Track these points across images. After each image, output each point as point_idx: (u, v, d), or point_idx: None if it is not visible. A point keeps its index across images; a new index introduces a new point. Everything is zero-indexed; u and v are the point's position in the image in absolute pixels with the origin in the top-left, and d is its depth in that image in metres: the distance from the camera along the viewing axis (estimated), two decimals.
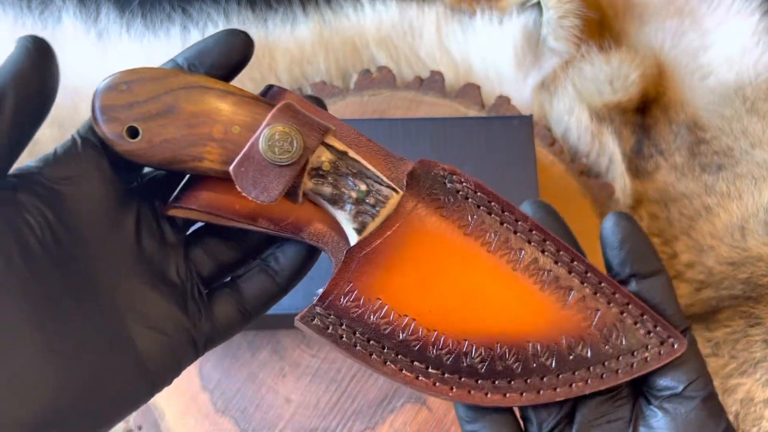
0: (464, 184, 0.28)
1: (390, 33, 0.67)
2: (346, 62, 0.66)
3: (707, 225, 0.61)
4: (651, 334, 0.27)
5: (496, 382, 0.26)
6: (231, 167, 0.25)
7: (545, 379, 0.26)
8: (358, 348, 0.26)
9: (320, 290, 0.27)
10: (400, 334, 0.26)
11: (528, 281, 0.27)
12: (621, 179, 0.62)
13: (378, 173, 0.27)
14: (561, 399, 0.26)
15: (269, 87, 0.29)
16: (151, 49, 0.65)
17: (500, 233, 0.28)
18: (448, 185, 0.28)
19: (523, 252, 0.27)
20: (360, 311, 0.26)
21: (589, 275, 0.27)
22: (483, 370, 0.26)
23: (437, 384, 0.26)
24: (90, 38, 0.65)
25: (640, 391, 0.27)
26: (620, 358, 0.26)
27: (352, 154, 0.27)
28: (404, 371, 0.26)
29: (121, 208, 0.26)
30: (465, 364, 0.26)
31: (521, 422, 0.28)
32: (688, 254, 0.60)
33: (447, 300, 0.27)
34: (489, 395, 0.26)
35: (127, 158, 0.26)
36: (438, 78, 0.63)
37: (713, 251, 0.59)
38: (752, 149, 0.64)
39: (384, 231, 0.27)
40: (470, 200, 0.28)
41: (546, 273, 0.27)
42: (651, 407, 0.27)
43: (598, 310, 0.27)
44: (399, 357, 0.26)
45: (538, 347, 0.26)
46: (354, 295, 0.27)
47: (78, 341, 0.24)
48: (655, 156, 0.65)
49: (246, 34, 0.27)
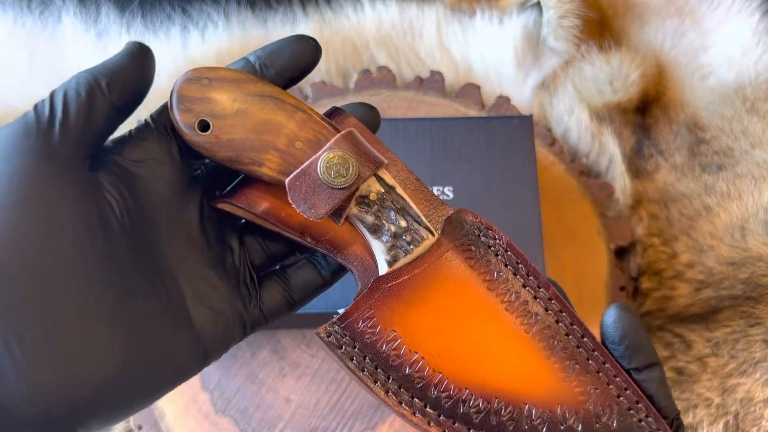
0: (497, 241, 0.29)
1: (390, 33, 0.67)
2: (346, 62, 0.66)
3: (707, 225, 0.61)
4: (642, 423, 0.27)
5: None
6: (287, 179, 0.27)
7: None
8: (365, 373, 0.27)
9: (342, 310, 0.28)
10: (407, 369, 0.27)
11: (537, 346, 0.28)
12: (621, 179, 0.62)
13: (419, 213, 0.29)
14: None
15: (335, 109, 0.30)
16: (152, 49, 0.65)
17: (521, 295, 0.29)
18: (482, 239, 0.29)
19: (539, 317, 0.28)
20: (374, 338, 0.28)
21: (596, 353, 0.28)
22: (477, 421, 0.27)
23: (431, 424, 0.27)
24: (90, 38, 0.65)
25: None
26: None
27: (399, 191, 0.28)
28: (403, 405, 0.27)
29: (187, 193, 0.28)
30: (461, 411, 0.27)
31: None
32: (688, 254, 0.60)
33: (458, 346, 0.28)
34: None
35: (194, 149, 0.27)
36: (438, 78, 0.63)
37: (713, 251, 0.59)
38: (752, 149, 0.64)
39: (413, 269, 0.28)
40: (499, 257, 0.29)
41: (556, 342, 0.28)
42: None
43: (597, 389, 0.28)
44: (401, 390, 0.27)
45: (534, 411, 0.27)
46: (372, 322, 0.28)
47: (143, 316, 0.25)
48: (655, 156, 0.65)
49: (315, 41, 0.28)
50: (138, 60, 0.27)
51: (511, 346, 0.28)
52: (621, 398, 0.28)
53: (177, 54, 0.65)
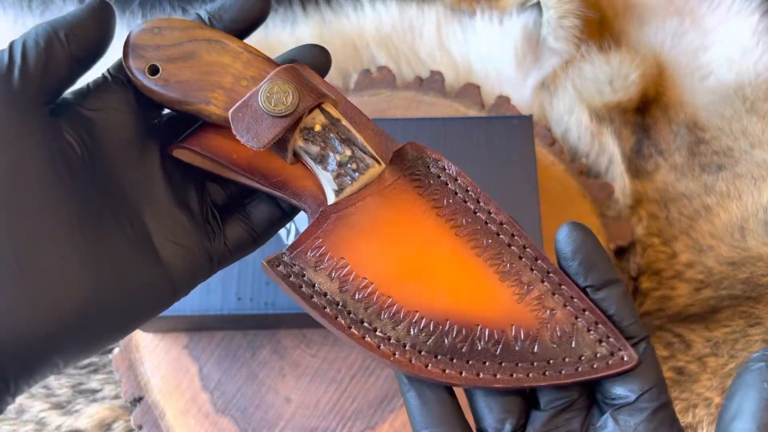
0: (446, 171, 0.30)
1: (390, 33, 0.67)
2: (346, 62, 0.66)
3: (707, 225, 0.61)
4: (602, 343, 0.26)
5: (439, 357, 0.26)
6: (230, 111, 0.28)
7: (487, 364, 0.26)
8: (314, 300, 0.27)
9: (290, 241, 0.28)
10: (357, 295, 0.27)
11: (489, 270, 0.28)
12: (621, 179, 0.62)
13: (365, 144, 0.29)
14: (499, 387, 0.26)
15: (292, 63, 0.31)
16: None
17: (471, 221, 0.29)
18: (432, 169, 0.30)
19: (489, 241, 0.28)
20: (323, 266, 0.27)
21: (551, 276, 0.28)
22: (428, 342, 0.27)
23: (381, 347, 0.26)
24: None
25: (595, 399, 0.27)
26: (566, 360, 0.26)
27: (345, 123, 0.29)
28: (353, 329, 0.27)
29: (147, 140, 0.30)
30: (412, 333, 0.27)
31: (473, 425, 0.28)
32: (688, 254, 0.60)
33: (408, 271, 0.28)
34: (429, 367, 0.26)
35: (146, 94, 0.28)
36: (438, 78, 0.63)
37: (713, 251, 0.59)
38: (752, 149, 0.64)
39: (361, 197, 0.28)
40: (449, 186, 0.29)
41: (508, 265, 0.28)
42: (603, 416, 0.26)
43: (553, 311, 0.27)
44: (350, 315, 0.27)
45: (486, 332, 0.27)
46: (321, 251, 0.28)
47: (110, 247, 0.27)
48: (655, 156, 0.65)
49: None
50: (98, 14, 0.28)
51: (462, 269, 0.28)
52: (579, 319, 0.27)
53: None
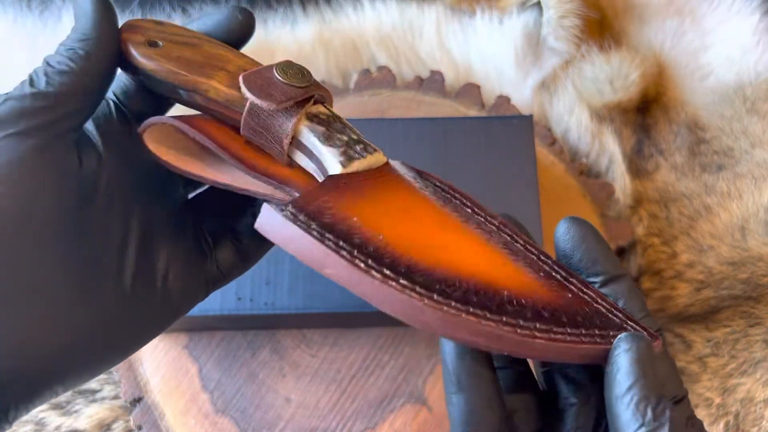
0: (440, 183, 0.29)
1: (390, 33, 0.67)
2: (346, 62, 0.66)
3: (707, 225, 0.61)
4: (625, 327, 0.24)
5: (471, 309, 0.22)
6: (242, 74, 0.27)
7: (521, 322, 0.22)
8: (328, 242, 0.23)
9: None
10: (370, 247, 0.23)
11: (502, 251, 0.26)
12: (621, 179, 0.62)
13: (356, 131, 0.29)
14: (540, 345, 0.22)
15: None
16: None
17: (473, 216, 0.27)
18: (426, 179, 0.29)
19: (493, 235, 0.27)
20: (333, 220, 0.24)
21: (559, 268, 0.26)
22: (456, 294, 0.22)
23: (409, 293, 0.22)
24: None
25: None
26: (596, 331, 0.24)
27: (345, 121, 0.29)
28: (373, 272, 0.22)
29: (152, 167, 0.29)
30: (437, 286, 0.22)
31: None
32: (688, 254, 0.60)
33: (424, 238, 0.25)
34: (464, 316, 0.22)
35: (138, 73, 0.27)
36: (438, 78, 0.63)
37: (713, 251, 0.59)
38: (752, 149, 0.64)
39: (367, 176, 0.27)
40: (445, 193, 0.28)
41: (518, 253, 0.26)
42: None
43: (570, 295, 0.25)
44: (369, 261, 0.22)
45: (513, 296, 0.23)
46: (329, 207, 0.24)
47: (114, 277, 0.26)
48: (656, 156, 0.65)
49: (246, 16, 0.30)
50: (113, 30, 0.27)
51: (478, 246, 0.25)
52: (597, 305, 0.24)
53: None
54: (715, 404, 0.53)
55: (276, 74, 0.27)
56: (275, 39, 0.66)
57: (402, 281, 0.22)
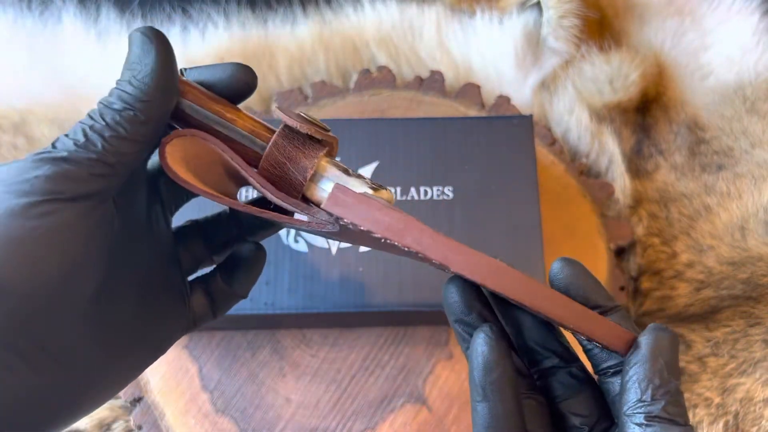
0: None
1: (390, 33, 0.67)
2: (346, 62, 0.66)
3: (707, 225, 0.61)
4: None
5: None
6: (275, 102, 0.29)
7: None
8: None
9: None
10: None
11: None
12: (621, 179, 0.62)
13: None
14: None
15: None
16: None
17: None
18: None
19: None
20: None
21: None
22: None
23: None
24: (90, 38, 0.65)
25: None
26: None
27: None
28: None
29: (154, 205, 0.30)
30: None
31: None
32: (688, 254, 0.60)
33: None
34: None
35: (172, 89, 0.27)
36: (438, 78, 0.63)
37: (713, 251, 0.59)
38: (752, 149, 0.64)
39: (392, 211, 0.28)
40: None
41: None
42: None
43: None
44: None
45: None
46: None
47: (120, 329, 0.26)
48: (655, 156, 0.65)
49: (248, 74, 0.28)
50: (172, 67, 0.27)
51: None
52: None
53: (177, 54, 0.64)
54: (715, 404, 0.53)
55: (300, 113, 0.28)
56: (275, 39, 0.66)
57: None
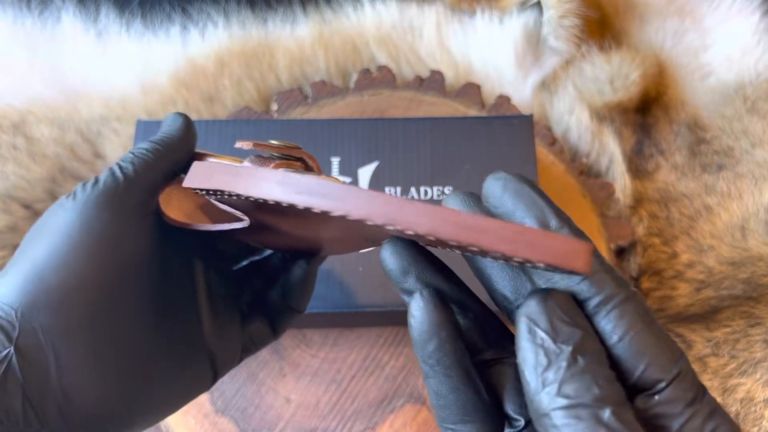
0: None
1: (390, 32, 0.67)
2: (346, 62, 0.66)
3: (708, 225, 0.61)
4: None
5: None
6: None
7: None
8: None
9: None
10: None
11: None
12: (621, 179, 0.62)
13: None
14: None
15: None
16: (151, 49, 0.65)
17: None
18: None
19: None
20: None
21: None
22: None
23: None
24: (89, 38, 0.65)
25: None
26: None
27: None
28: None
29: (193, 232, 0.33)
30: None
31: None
32: (689, 254, 0.60)
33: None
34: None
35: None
36: (438, 77, 0.63)
37: (713, 251, 0.59)
38: (753, 149, 0.64)
39: None
40: None
41: None
42: None
43: None
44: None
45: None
46: None
47: (171, 346, 0.29)
48: (656, 156, 0.65)
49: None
50: (188, 130, 0.31)
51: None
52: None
53: (177, 54, 0.65)
54: None
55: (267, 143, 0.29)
56: (275, 39, 0.66)
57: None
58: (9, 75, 0.63)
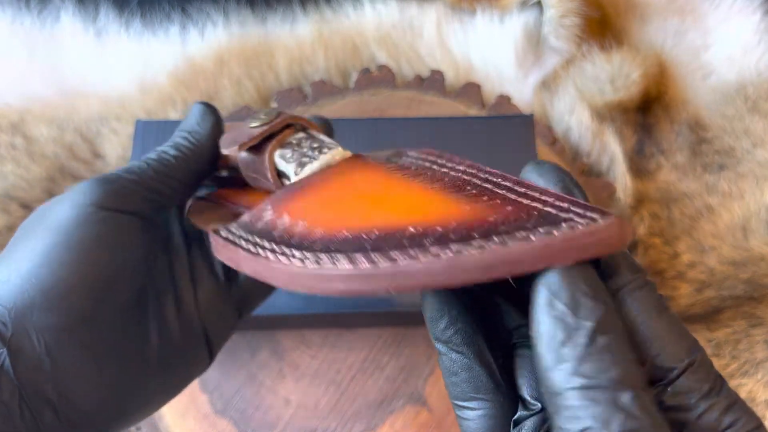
0: (417, 156, 0.27)
1: (390, 32, 0.67)
2: (346, 61, 0.66)
3: (709, 225, 0.60)
4: (578, 220, 0.18)
5: (337, 256, 0.19)
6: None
7: (413, 251, 0.19)
8: (242, 243, 0.23)
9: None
10: (286, 234, 0.23)
11: (440, 191, 0.22)
12: (622, 179, 0.61)
13: (331, 141, 0.30)
14: (424, 268, 0.18)
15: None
16: (150, 49, 0.65)
17: (437, 174, 0.24)
18: (404, 159, 0.27)
19: (452, 181, 0.23)
20: (263, 224, 0.24)
21: (518, 188, 0.21)
22: (345, 249, 0.20)
23: (273, 257, 0.21)
24: (89, 37, 0.64)
25: None
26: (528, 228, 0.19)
27: (314, 132, 0.31)
28: (278, 255, 0.21)
29: (175, 214, 0.33)
30: (332, 247, 0.20)
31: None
32: (690, 254, 0.59)
33: (349, 210, 0.23)
34: (329, 265, 0.19)
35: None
36: (438, 77, 0.63)
37: (715, 251, 0.59)
38: (754, 149, 0.63)
39: (320, 174, 0.28)
40: (426, 164, 0.25)
41: (467, 187, 0.22)
42: None
43: (510, 207, 0.20)
44: (272, 245, 0.22)
45: (412, 229, 0.20)
46: (265, 212, 0.25)
47: (161, 332, 0.29)
48: (657, 155, 0.65)
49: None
50: (215, 130, 0.31)
51: (407, 198, 0.22)
52: (547, 208, 0.19)
53: (176, 53, 0.64)
54: None
55: (248, 124, 0.30)
56: (275, 38, 0.66)
57: (287, 251, 0.21)
58: (8, 74, 0.63)
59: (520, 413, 0.21)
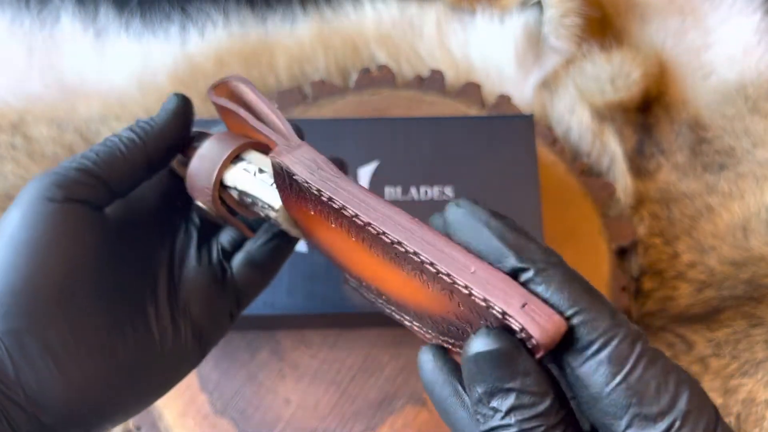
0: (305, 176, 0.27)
1: (390, 31, 0.67)
2: (346, 61, 0.66)
3: (709, 225, 0.60)
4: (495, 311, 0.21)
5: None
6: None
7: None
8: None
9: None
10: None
11: (411, 273, 0.25)
12: (622, 179, 0.61)
13: (264, 198, 0.29)
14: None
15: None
16: (150, 49, 0.65)
17: (343, 221, 0.26)
18: (296, 179, 0.27)
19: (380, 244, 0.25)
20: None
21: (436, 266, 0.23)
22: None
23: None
24: (88, 37, 0.64)
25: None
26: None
27: (241, 187, 0.30)
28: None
29: (169, 201, 0.33)
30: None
31: None
32: (690, 254, 0.59)
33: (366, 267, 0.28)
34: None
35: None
36: (438, 77, 0.63)
37: (715, 251, 0.59)
38: (754, 149, 0.63)
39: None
40: (314, 193, 0.26)
41: (418, 267, 0.24)
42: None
43: (455, 298, 0.23)
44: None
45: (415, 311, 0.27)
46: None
47: (145, 326, 0.29)
48: (657, 155, 0.65)
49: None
50: (182, 116, 0.31)
51: (373, 260, 0.26)
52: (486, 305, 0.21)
53: (176, 53, 0.64)
54: (717, 405, 0.53)
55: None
56: (275, 38, 0.66)
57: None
58: (7, 74, 0.63)
59: None
